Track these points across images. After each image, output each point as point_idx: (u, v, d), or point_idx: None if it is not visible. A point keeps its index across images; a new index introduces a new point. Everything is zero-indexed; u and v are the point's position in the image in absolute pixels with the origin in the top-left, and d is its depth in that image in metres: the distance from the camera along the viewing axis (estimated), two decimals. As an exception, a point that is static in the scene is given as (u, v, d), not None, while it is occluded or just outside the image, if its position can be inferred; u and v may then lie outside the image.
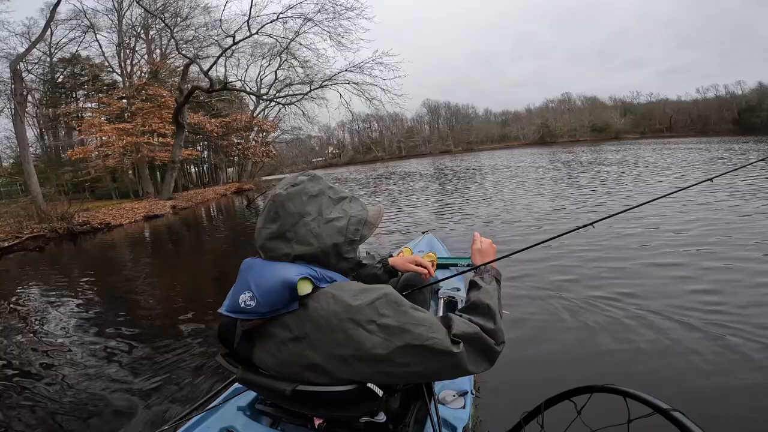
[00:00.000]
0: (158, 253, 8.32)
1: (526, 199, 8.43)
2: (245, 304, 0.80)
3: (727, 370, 2.00)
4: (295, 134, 33.99)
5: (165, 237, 10.70)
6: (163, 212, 15.26)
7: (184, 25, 20.80)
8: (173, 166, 18.98)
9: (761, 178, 8.01)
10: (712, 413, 1.68)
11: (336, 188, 0.93)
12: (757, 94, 49.40)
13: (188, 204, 18.00)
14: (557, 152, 26.24)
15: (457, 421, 1.16)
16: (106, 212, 14.83)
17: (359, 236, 0.91)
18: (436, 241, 3.06)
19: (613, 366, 2.15)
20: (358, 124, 64.32)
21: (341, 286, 0.83)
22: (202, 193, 23.10)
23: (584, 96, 63.95)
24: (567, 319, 2.71)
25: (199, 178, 35.28)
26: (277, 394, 0.86)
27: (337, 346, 0.77)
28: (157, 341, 3.01)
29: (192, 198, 19.90)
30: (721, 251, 3.86)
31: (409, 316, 0.78)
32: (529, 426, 0.92)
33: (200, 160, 33.02)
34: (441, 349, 0.76)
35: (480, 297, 0.91)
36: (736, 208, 5.75)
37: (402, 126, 66.54)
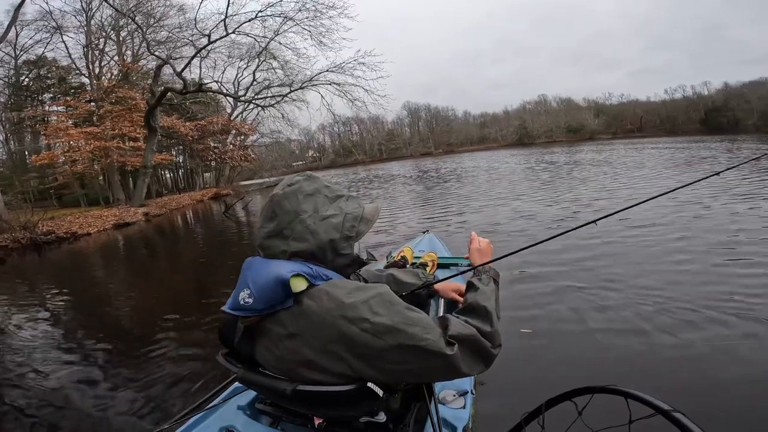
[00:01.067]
0: (130, 262, 7.91)
1: (521, 200, 8.34)
2: (244, 302, 0.82)
3: (729, 370, 1.99)
4: (274, 138, 33.25)
5: (137, 246, 10.19)
6: (135, 220, 14.55)
7: (158, 26, 20.02)
8: (145, 171, 18.17)
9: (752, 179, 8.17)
10: (714, 414, 1.68)
11: (332, 187, 0.93)
12: (723, 95, 51.78)
13: (162, 211, 17.24)
14: (539, 153, 26.43)
15: (458, 421, 1.16)
16: (73, 220, 14.06)
17: (355, 232, 0.90)
18: (437, 241, 3.03)
19: (614, 366, 2.14)
20: (339, 127, 63.97)
21: (336, 283, 0.83)
22: (178, 199, 22.23)
23: (559, 97, 65.60)
24: (567, 319, 2.70)
25: (175, 183, 34.14)
26: (277, 394, 0.86)
27: (329, 342, 0.77)
28: (137, 349, 2.98)
29: (166, 204, 19.09)
30: (722, 251, 3.80)
31: (403, 315, 0.78)
32: (530, 426, 0.91)
33: (175, 165, 31.89)
34: (434, 350, 0.76)
35: (477, 299, 0.91)
36: (731, 205, 5.77)
37: (382, 128, 66.53)
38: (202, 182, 33.83)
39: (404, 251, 2.24)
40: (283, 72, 21.79)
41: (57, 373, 2.74)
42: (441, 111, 67.96)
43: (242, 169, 34.52)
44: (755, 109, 45.55)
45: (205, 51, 18.30)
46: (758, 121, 43.83)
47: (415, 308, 0.82)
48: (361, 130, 66.70)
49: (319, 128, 63.89)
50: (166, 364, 2.68)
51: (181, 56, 19.28)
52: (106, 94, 20.47)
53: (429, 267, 2.02)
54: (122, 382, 2.52)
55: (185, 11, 19.94)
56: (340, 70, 18.82)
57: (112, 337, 3.40)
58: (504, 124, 65.05)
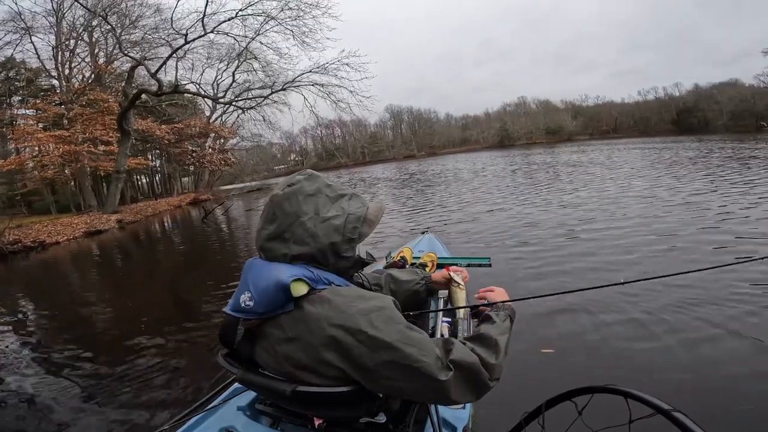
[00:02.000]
0: (102, 272, 7.51)
1: (518, 207, 8.27)
2: (245, 304, 0.81)
3: (730, 370, 2.00)
4: (255, 141, 32.52)
5: (109, 254, 9.66)
6: (107, 227, 13.89)
7: (133, 27, 19.17)
8: (118, 176, 17.38)
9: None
10: (714, 414, 1.68)
11: (334, 186, 0.91)
12: (694, 96, 53.73)
13: (136, 217, 16.55)
14: (524, 155, 26.58)
15: (457, 421, 1.17)
16: (41, 229, 13.43)
17: (357, 234, 0.88)
18: (436, 241, 3.03)
19: (615, 366, 2.15)
20: (321, 131, 63.44)
21: (338, 291, 0.83)
22: (154, 205, 21.47)
23: (538, 99, 66.86)
24: (568, 319, 2.71)
25: (151, 189, 33.03)
26: (277, 395, 0.86)
27: (325, 350, 0.77)
28: (115, 358, 2.95)
29: (141, 211, 18.36)
30: (722, 252, 3.79)
31: (402, 334, 0.77)
32: (530, 426, 0.91)
33: (151, 170, 30.84)
34: (427, 373, 0.75)
35: (490, 330, 0.90)
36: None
37: (365, 131, 66.34)
38: (180, 187, 32.84)
39: (403, 251, 2.23)
40: (264, 73, 21.13)
41: (36, 386, 2.67)
42: (423, 113, 68.35)
43: (222, 174, 33.72)
44: (724, 109, 47.42)
45: (181, 51, 17.56)
46: (728, 122, 45.66)
47: (415, 327, 0.80)
48: (344, 133, 66.39)
49: (301, 131, 63.32)
50: (148, 373, 2.65)
51: (157, 57, 18.50)
52: (76, 96, 19.51)
53: (428, 267, 1.99)
54: (100, 393, 2.48)
55: (162, 11, 19.19)
56: (323, 71, 18.27)
57: (88, 347, 3.32)
58: (485, 126, 65.85)
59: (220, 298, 4.20)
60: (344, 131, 65.84)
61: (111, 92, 19.99)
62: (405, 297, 1.25)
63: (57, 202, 22.97)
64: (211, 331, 3.32)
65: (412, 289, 1.30)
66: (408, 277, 1.32)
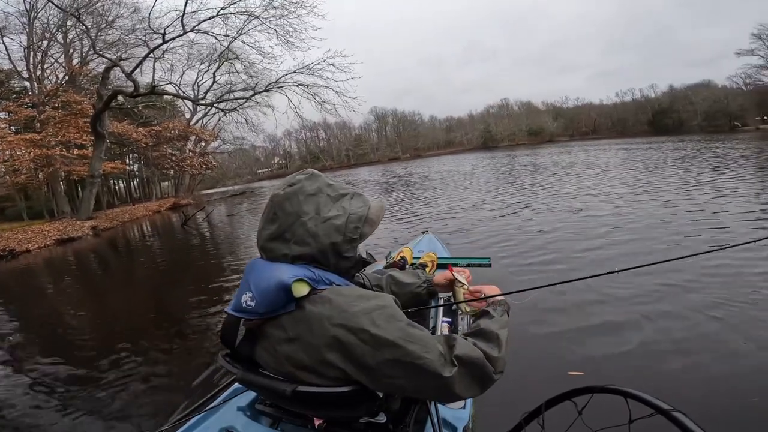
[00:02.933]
0: (76, 281, 7.14)
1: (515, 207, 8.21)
2: (246, 304, 0.81)
3: (730, 370, 1.99)
4: (238, 144, 31.92)
5: (82, 263, 9.19)
6: (81, 234, 13.29)
7: (109, 27, 18.40)
8: (92, 181, 16.68)
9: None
10: (715, 414, 1.68)
11: (336, 185, 0.90)
12: (668, 97, 55.43)
13: (112, 224, 15.88)
14: (511, 156, 26.66)
15: (457, 421, 1.16)
16: (11, 236, 12.83)
17: (359, 234, 0.88)
18: (436, 241, 3.02)
19: (615, 366, 2.14)
20: (305, 133, 62.89)
21: (340, 291, 0.83)
22: (131, 210, 20.71)
23: (520, 101, 67.90)
24: (567, 319, 2.68)
25: (129, 193, 32.00)
26: (277, 395, 0.86)
27: (327, 350, 0.77)
28: (92, 368, 2.91)
29: (118, 217, 17.67)
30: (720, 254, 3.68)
31: (404, 331, 0.77)
32: (530, 426, 0.91)
33: (128, 174, 29.84)
34: (430, 370, 0.75)
35: (490, 325, 0.90)
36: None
37: (350, 134, 66.12)
38: (160, 192, 31.91)
39: (403, 252, 2.21)
40: (247, 74, 20.47)
41: (13, 398, 2.61)
42: (408, 116, 68.52)
43: (204, 178, 32.96)
44: (698, 110, 49.07)
45: (159, 51, 16.88)
46: (702, 122, 47.26)
47: (417, 325, 0.80)
48: (328, 136, 65.99)
49: (285, 134, 62.74)
50: (127, 381, 2.62)
51: (134, 57, 17.68)
52: (49, 98, 18.67)
53: (428, 267, 1.98)
54: (79, 400, 2.46)
55: (140, 11, 18.36)
56: (308, 72, 17.69)
57: (67, 355, 3.25)
58: (469, 128, 66.45)
59: (201, 304, 4.14)
60: (329, 134, 65.49)
61: (85, 94, 19.18)
62: (406, 299, 1.23)
63: (30, 208, 22.02)
64: (191, 337, 3.26)
65: (414, 291, 1.27)
66: (409, 279, 1.30)
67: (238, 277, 5.08)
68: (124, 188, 33.11)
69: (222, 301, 4.15)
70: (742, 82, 47.62)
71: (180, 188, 29.05)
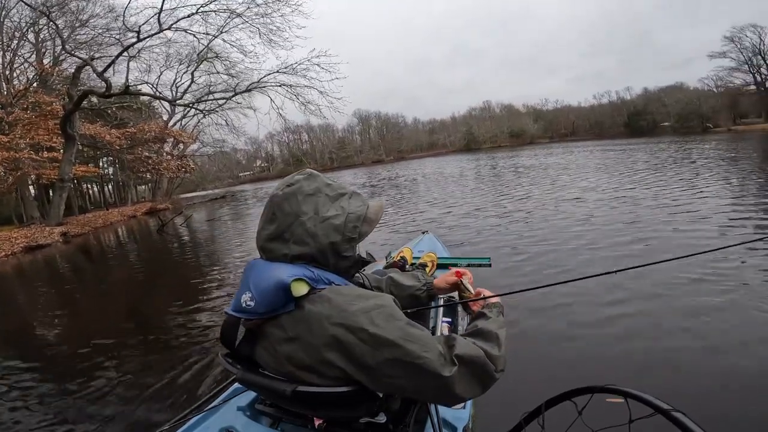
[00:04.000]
0: (44, 289, 6.69)
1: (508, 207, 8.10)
2: (246, 304, 0.81)
3: (730, 370, 1.98)
4: (218, 147, 31.10)
5: (52, 271, 8.65)
6: (50, 241, 12.60)
7: (82, 26, 17.58)
8: (62, 185, 15.89)
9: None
10: (714, 413, 1.67)
11: (334, 185, 0.91)
12: (643, 99, 57.16)
13: (84, 230, 15.14)
14: (496, 158, 26.62)
15: (458, 421, 1.15)
16: (-27, 245, 11.87)
17: (357, 233, 0.88)
18: (436, 241, 3.00)
19: (615, 366, 2.14)
20: (288, 136, 62.16)
21: (339, 290, 0.83)
22: (105, 215, 19.84)
23: (502, 103, 68.93)
24: (567, 319, 2.66)
25: (103, 198, 30.82)
26: (277, 395, 0.86)
27: (326, 349, 0.77)
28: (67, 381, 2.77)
29: (90, 222, 16.89)
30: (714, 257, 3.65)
31: (403, 331, 0.76)
32: (530, 426, 0.91)
33: (101, 178, 28.71)
34: (430, 369, 0.74)
35: (488, 325, 0.91)
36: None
37: (333, 136, 65.75)
38: (136, 196, 30.84)
39: (403, 251, 2.20)
40: (228, 74, 19.68)
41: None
42: (391, 118, 68.61)
43: (183, 181, 32.05)
44: (671, 112, 50.77)
45: (134, 50, 16.20)
46: (675, 124, 48.91)
47: (417, 324, 0.80)
48: (311, 139, 65.48)
49: (267, 137, 61.89)
50: (105, 390, 2.56)
51: (108, 56, 16.87)
52: (17, 99, 17.72)
53: (428, 267, 1.98)
54: (69, 413, 2.37)
55: (115, 10, 17.53)
56: (291, 71, 17.09)
57: (44, 366, 3.18)
58: (452, 130, 67.01)
59: (177, 312, 3.92)
60: (312, 136, 64.99)
61: (57, 95, 18.25)
62: (406, 302, 1.21)
63: (-1, 213, 20.94)
64: (162, 348, 3.17)
65: (414, 294, 1.26)
66: (410, 282, 1.28)
67: (219, 285, 4.83)
68: (98, 192, 31.89)
69: (203, 309, 3.92)
70: (714, 84, 49.62)
71: (157, 192, 28.12)
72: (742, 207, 5.35)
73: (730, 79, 46.99)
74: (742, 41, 43.17)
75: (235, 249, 7.49)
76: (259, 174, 61.85)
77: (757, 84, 44.65)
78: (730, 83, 47.14)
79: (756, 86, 44.78)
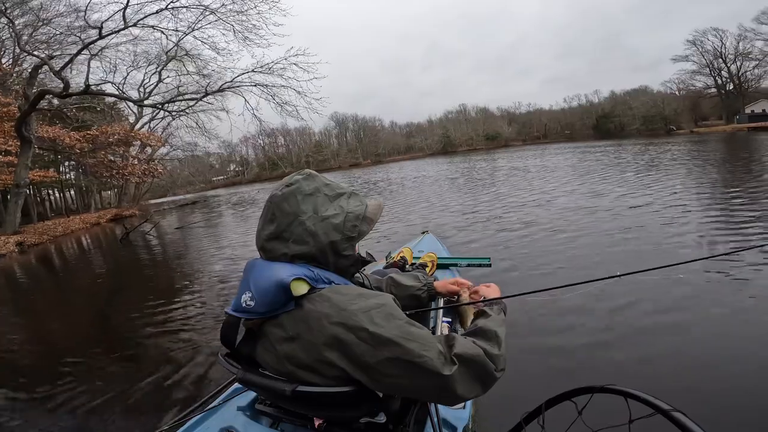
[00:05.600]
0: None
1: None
2: (246, 304, 0.82)
3: (730, 370, 1.96)
4: (189, 151, 30.03)
5: (6, 283, 7.93)
6: (4, 251, 11.69)
7: (43, 24, 16.41)
8: (18, 191, 14.83)
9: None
10: (714, 413, 1.66)
11: (333, 185, 0.92)
12: (610, 102, 59.49)
13: (42, 239, 14.15)
14: (474, 161, 26.86)
15: (458, 421, 1.16)
16: None
17: (357, 232, 0.89)
18: (436, 241, 3.01)
19: (615, 366, 2.12)
20: (263, 139, 60.93)
21: (339, 289, 0.83)
22: (66, 223, 18.65)
23: (477, 106, 70.11)
24: (567, 319, 2.65)
25: (65, 204, 29.15)
26: (277, 395, 0.86)
27: (326, 348, 0.77)
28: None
29: (49, 230, 15.81)
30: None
31: (403, 330, 0.76)
32: (530, 426, 0.91)
33: (62, 183, 27.12)
34: (429, 368, 0.74)
35: (488, 324, 0.91)
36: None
37: (310, 140, 64.98)
38: (100, 202, 29.32)
39: (403, 251, 2.19)
40: (200, 74, 18.61)
41: None
42: (368, 121, 68.46)
43: (151, 186, 30.79)
44: (637, 114, 53.00)
45: (96, 47, 15.25)
46: (640, 126, 51.08)
47: (416, 323, 0.80)
48: (287, 142, 64.49)
49: (241, 140, 60.43)
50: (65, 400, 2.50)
51: (69, 54, 15.77)
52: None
53: (428, 267, 1.97)
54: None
55: (80, 9, 16.49)
56: (268, 71, 16.35)
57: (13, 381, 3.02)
58: (429, 133, 67.49)
59: (142, 328, 3.72)
60: (288, 140, 64.00)
61: (16, 96, 17.05)
62: (407, 302, 1.21)
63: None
64: (125, 360, 3.07)
65: (414, 294, 1.26)
66: (410, 282, 1.29)
67: (190, 302, 4.47)
68: (59, 199, 30.16)
69: (160, 324, 3.64)
70: (676, 87, 52.15)
71: (124, 198, 26.81)
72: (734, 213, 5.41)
73: (692, 83, 49.47)
74: (704, 45, 45.49)
75: (210, 262, 7.05)
76: (233, 178, 60.38)
77: (717, 87, 47.16)
78: (692, 86, 49.64)
79: (716, 89, 47.29)
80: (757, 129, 31.12)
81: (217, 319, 3.62)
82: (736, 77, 44.52)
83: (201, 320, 3.71)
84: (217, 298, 4.37)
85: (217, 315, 3.78)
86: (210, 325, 3.51)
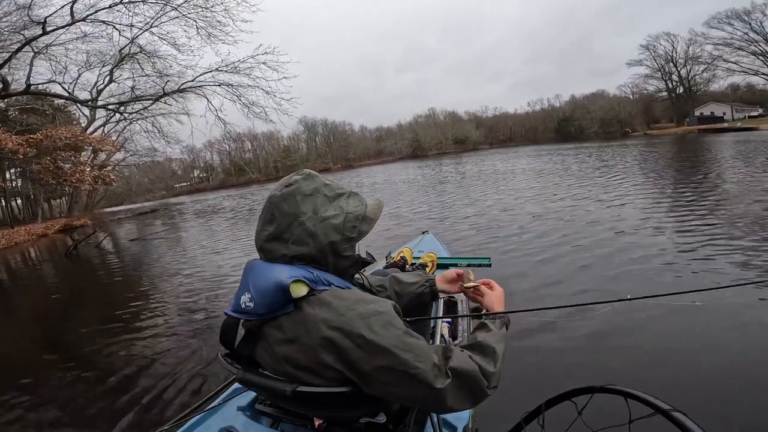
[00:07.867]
0: None
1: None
2: (245, 305, 0.81)
3: (730, 370, 1.97)
4: (149, 156, 28.31)
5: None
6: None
7: None
8: (-52, 201, 13.34)
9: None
10: (715, 414, 1.66)
11: (332, 185, 0.91)
12: (571, 106, 62.24)
13: (-22, 252, 12.80)
14: (444, 164, 26.94)
15: (457, 421, 1.16)
16: None
17: (357, 233, 0.89)
18: (436, 241, 3.00)
19: (615, 366, 2.13)
20: (229, 144, 58.96)
21: (339, 293, 0.82)
22: (9, 235, 17.09)
23: (446, 110, 71.27)
24: (567, 319, 2.62)
25: (10, 214, 26.73)
26: (277, 395, 0.87)
27: (323, 351, 0.76)
28: None
29: (-12, 243, 14.35)
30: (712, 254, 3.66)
31: (400, 339, 0.76)
32: (530, 426, 0.90)
33: (5, 192, 24.82)
34: (422, 380, 0.74)
35: (487, 338, 0.89)
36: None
37: (278, 145, 63.63)
38: (49, 211, 27.14)
39: (404, 251, 2.20)
40: (157, 74, 17.11)
41: None
42: (338, 126, 67.93)
43: (107, 194, 28.86)
44: (595, 118, 55.66)
45: (39, 43, 13.95)
46: (598, 129, 53.68)
47: (414, 333, 0.80)
48: (255, 147, 62.83)
49: (205, 145, 58.29)
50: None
51: (9, 52, 14.47)
52: None
53: (428, 267, 1.96)
54: None
55: (26, 6, 15.00)
56: (233, 70, 15.28)
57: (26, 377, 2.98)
58: (399, 137, 67.82)
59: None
60: (255, 145, 62.42)
61: None
62: (409, 300, 1.22)
63: None
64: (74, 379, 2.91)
65: (417, 291, 1.24)
66: (413, 279, 1.27)
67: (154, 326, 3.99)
68: (5, 208, 27.64)
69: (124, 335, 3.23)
70: (630, 91, 55.18)
71: (75, 207, 24.92)
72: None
73: (645, 86, 52.52)
74: (657, 49, 48.34)
75: (169, 272, 6.46)
76: (197, 185, 58.13)
77: (668, 90, 50.28)
78: (645, 90, 52.70)
79: (668, 92, 50.40)
80: (706, 131, 33.40)
81: (175, 329, 3.45)
82: (686, 81, 47.64)
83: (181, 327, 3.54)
84: (175, 315, 3.96)
85: (174, 326, 3.59)
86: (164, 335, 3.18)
